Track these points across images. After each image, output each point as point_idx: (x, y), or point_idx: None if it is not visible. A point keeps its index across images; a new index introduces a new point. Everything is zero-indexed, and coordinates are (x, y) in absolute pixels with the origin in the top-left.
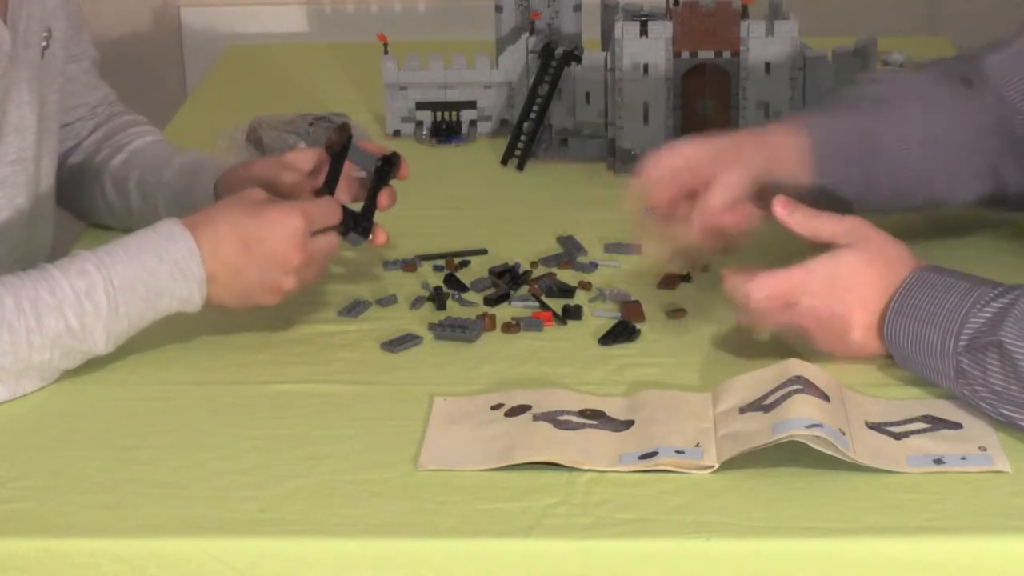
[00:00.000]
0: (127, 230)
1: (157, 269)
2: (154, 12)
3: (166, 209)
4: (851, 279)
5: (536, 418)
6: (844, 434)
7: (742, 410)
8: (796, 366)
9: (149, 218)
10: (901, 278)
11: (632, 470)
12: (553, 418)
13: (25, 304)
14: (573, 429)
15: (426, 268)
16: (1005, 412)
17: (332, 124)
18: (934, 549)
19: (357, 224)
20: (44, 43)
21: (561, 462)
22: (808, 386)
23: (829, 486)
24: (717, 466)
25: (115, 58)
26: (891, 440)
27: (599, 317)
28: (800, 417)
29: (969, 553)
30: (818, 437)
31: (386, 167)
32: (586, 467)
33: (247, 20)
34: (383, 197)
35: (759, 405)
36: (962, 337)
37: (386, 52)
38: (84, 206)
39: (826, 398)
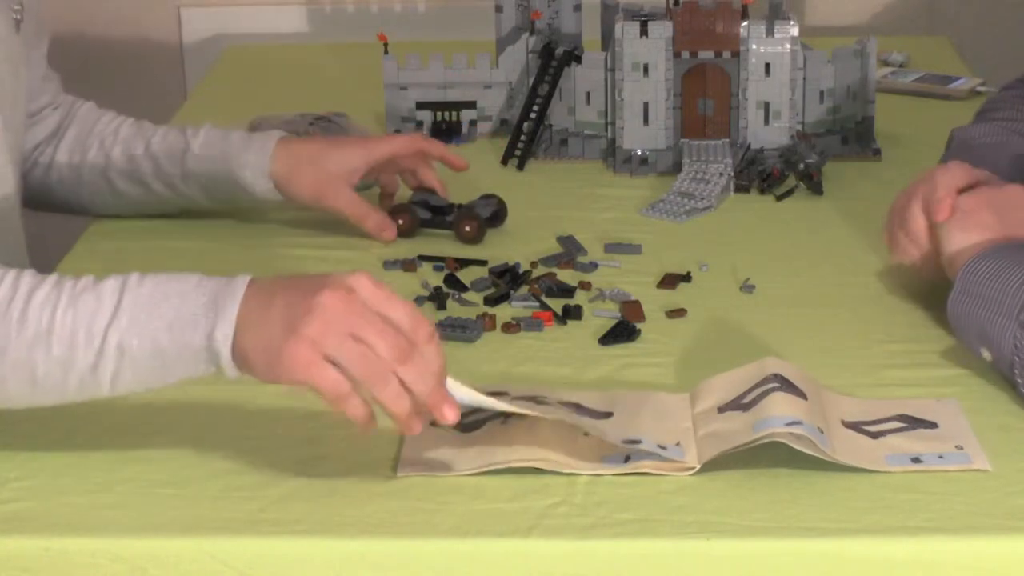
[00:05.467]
0: (150, 213)
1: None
2: (154, 12)
3: (206, 194)
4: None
5: (514, 400)
6: (823, 432)
7: (720, 409)
8: (773, 364)
9: (181, 204)
10: None
11: (616, 472)
12: (532, 399)
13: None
14: (551, 404)
15: (426, 268)
16: None
17: (332, 123)
18: (934, 549)
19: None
20: (17, 16)
21: (543, 467)
22: (785, 384)
23: (829, 486)
24: (699, 467)
25: (115, 58)
26: (868, 439)
27: (599, 317)
28: (779, 415)
29: (969, 553)
30: (797, 436)
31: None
32: (567, 472)
33: (247, 20)
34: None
35: (737, 404)
36: None
37: (386, 52)
38: (85, 202)
39: (803, 396)
